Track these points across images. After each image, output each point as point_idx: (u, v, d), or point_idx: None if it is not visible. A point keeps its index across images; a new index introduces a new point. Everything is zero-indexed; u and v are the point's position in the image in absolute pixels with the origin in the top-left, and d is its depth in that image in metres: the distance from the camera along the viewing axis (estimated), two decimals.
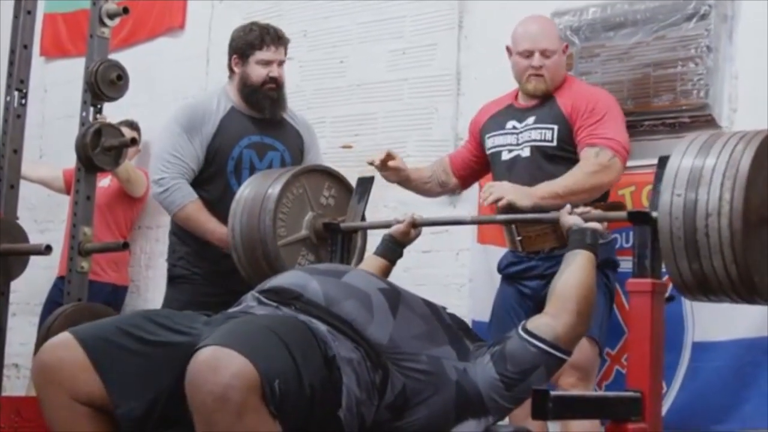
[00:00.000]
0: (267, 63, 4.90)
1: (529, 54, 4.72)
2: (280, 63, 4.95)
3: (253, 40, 4.90)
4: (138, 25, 7.66)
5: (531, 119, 4.72)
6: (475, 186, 5.73)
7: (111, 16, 5.06)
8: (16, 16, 4.96)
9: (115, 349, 2.87)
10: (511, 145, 4.73)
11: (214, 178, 4.94)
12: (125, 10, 5.11)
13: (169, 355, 2.86)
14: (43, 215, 7.82)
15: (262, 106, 4.92)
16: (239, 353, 2.62)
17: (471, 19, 6.06)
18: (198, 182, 4.95)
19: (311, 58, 6.75)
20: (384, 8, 6.44)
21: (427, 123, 6.13)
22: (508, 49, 4.86)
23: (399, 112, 6.26)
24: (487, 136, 4.86)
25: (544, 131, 4.65)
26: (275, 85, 4.92)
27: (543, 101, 4.75)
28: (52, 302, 6.25)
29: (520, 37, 4.80)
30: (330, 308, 3.05)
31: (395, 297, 3.17)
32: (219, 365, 2.61)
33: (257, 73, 4.90)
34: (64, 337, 2.91)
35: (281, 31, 4.96)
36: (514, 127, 4.77)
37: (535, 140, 4.66)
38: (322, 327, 2.96)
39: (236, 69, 4.93)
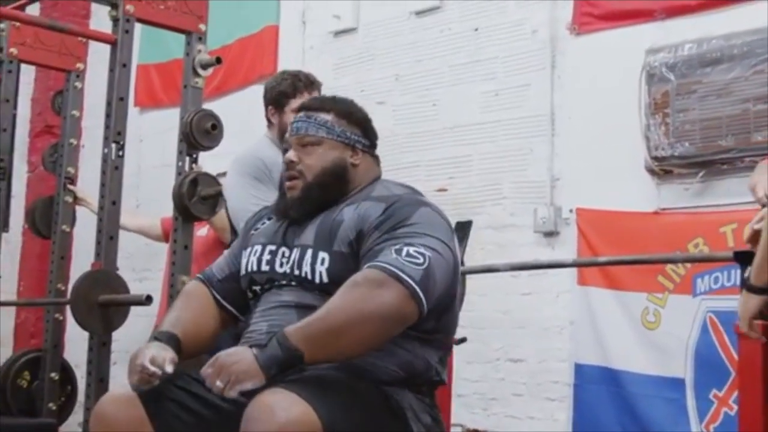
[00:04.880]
0: None
1: None
2: None
3: (285, 89, 4.80)
4: (230, 73, 7.73)
5: None
6: (573, 228, 5.69)
7: (204, 67, 5.10)
8: (111, 70, 5.01)
9: (172, 405, 2.81)
10: None
11: None
12: (218, 60, 5.15)
13: (224, 418, 2.74)
14: (141, 264, 7.88)
15: None
16: (303, 399, 2.52)
17: (563, 58, 6.01)
18: None
19: (404, 102, 6.75)
20: (475, 50, 6.42)
21: (522, 164, 6.08)
22: None
23: (493, 153, 6.22)
24: None
25: None
26: None
27: None
28: None
29: None
30: None
31: None
32: (278, 407, 2.49)
33: None
34: (125, 390, 2.88)
35: (313, 76, 4.87)
36: None
37: None
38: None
39: (273, 120, 4.84)
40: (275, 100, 4.77)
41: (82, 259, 6.35)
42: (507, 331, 6.00)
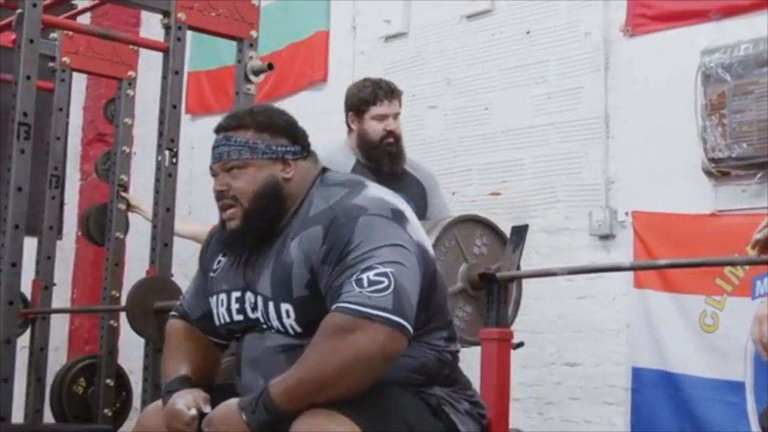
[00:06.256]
0: (382, 117, 4.80)
1: None
2: (396, 116, 4.86)
3: (366, 96, 4.81)
4: (281, 79, 7.73)
5: None
6: (629, 230, 5.64)
7: (256, 73, 5.10)
8: (164, 77, 5.02)
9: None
10: None
11: None
12: (270, 66, 5.15)
13: None
14: (194, 270, 7.86)
15: (382, 162, 4.83)
16: (348, 418, 2.51)
17: (617, 60, 5.96)
18: None
19: (455, 106, 6.72)
20: (527, 53, 6.38)
21: (577, 167, 6.03)
22: None
23: (547, 156, 6.18)
24: None
25: None
26: (393, 139, 4.83)
27: None
28: None
29: None
30: None
31: None
32: (324, 428, 2.49)
33: (374, 128, 4.81)
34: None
35: (393, 84, 4.88)
36: None
37: None
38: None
39: (353, 126, 4.85)
40: (355, 107, 4.79)
41: (135, 266, 6.38)
42: (563, 335, 5.96)
